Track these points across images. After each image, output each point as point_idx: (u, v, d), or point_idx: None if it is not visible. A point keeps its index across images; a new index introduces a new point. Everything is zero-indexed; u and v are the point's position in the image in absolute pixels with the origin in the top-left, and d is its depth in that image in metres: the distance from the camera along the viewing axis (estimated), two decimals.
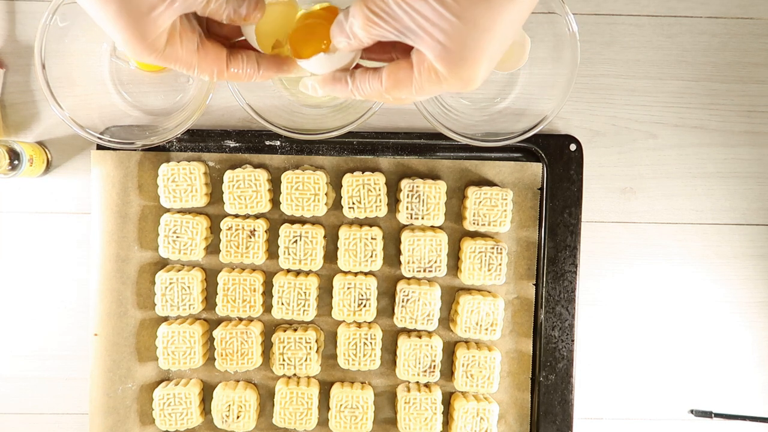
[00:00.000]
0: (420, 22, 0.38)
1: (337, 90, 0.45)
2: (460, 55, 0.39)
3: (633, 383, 0.74)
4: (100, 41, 0.70)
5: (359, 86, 0.44)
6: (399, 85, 0.42)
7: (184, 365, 0.69)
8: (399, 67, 0.42)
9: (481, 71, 0.40)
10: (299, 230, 0.69)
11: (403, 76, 0.42)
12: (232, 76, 0.45)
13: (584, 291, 0.73)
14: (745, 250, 0.74)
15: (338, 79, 0.45)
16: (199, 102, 0.66)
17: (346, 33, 0.41)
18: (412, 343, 0.69)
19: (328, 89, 0.46)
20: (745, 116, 0.73)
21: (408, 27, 0.39)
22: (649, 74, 0.72)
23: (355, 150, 0.71)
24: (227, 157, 0.71)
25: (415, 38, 0.39)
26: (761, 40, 0.72)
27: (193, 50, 0.43)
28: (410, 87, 0.42)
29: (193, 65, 0.43)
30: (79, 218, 0.72)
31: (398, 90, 0.43)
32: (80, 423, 0.73)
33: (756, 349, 0.74)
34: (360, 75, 0.44)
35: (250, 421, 0.70)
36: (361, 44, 0.42)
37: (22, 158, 0.66)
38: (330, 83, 0.45)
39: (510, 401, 0.72)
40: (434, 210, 0.68)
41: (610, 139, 0.73)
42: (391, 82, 0.43)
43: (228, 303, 0.69)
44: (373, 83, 0.43)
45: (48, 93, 0.64)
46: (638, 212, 0.73)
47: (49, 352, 0.73)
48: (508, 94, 0.72)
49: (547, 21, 0.67)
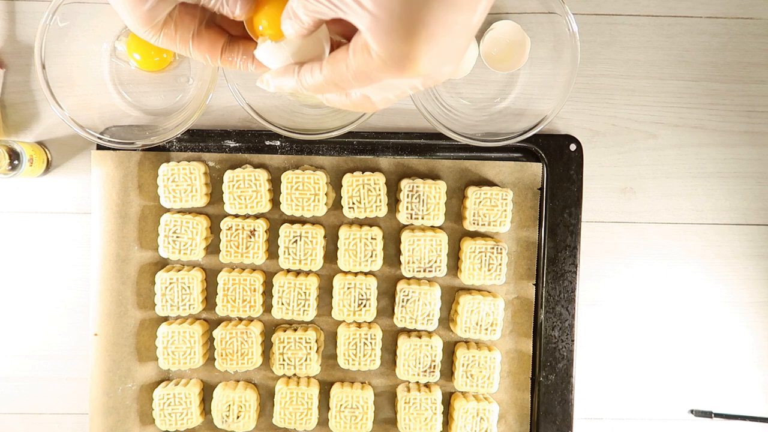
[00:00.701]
0: None
1: (284, 81, 0.42)
2: (389, 26, 0.33)
3: (633, 383, 0.74)
4: (100, 41, 0.70)
5: (302, 76, 0.40)
6: (335, 71, 0.38)
7: (184, 365, 0.69)
8: (337, 52, 0.38)
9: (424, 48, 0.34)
10: (299, 230, 0.69)
11: (339, 59, 0.37)
12: (225, 62, 0.45)
13: (584, 291, 0.73)
14: (745, 250, 0.74)
15: (286, 70, 0.42)
16: (199, 102, 0.66)
17: (289, 14, 0.38)
18: (412, 343, 0.69)
19: (276, 80, 0.42)
20: (745, 116, 0.73)
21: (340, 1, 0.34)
22: (649, 74, 0.72)
23: (355, 150, 0.71)
24: (227, 157, 0.71)
25: (347, 10, 0.34)
26: (761, 40, 0.72)
27: (188, 36, 0.43)
28: (343, 71, 0.37)
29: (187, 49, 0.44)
30: (79, 218, 0.72)
31: (336, 77, 0.38)
32: (80, 423, 0.73)
33: (756, 349, 0.74)
34: (305, 66, 0.40)
35: (250, 421, 0.70)
36: (302, 25, 0.38)
37: (22, 158, 0.66)
38: (277, 75, 0.42)
39: (510, 401, 0.72)
40: (434, 210, 0.68)
41: (610, 139, 0.73)
42: (328, 69, 0.38)
43: (228, 303, 0.69)
44: (314, 73, 0.39)
45: (48, 93, 0.64)
46: (638, 212, 0.73)
47: (49, 352, 0.73)
48: (508, 94, 0.72)
49: (547, 21, 0.67)
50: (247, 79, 0.66)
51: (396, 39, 0.33)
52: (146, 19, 0.41)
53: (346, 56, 0.37)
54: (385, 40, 0.34)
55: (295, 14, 0.38)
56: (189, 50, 0.44)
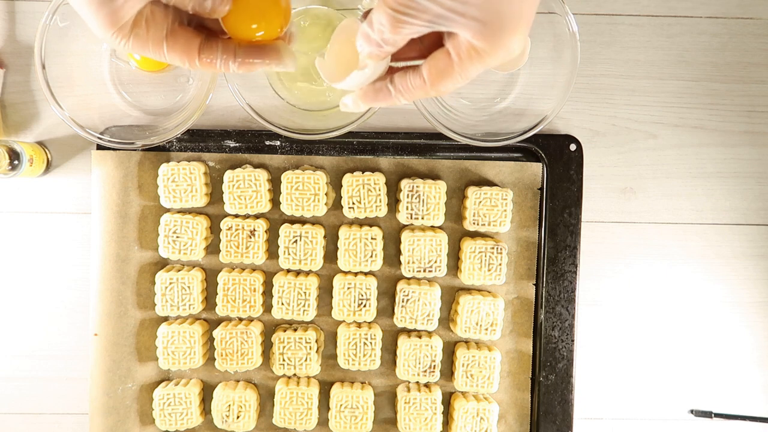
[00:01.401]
0: (450, 5, 0.37)
1: (380, 100, 0.44)
2: (498, 26, 0.38)
3: (633, 383, 0.74)
4: (100, 41, 0.70)
5: (402, 91, 0.43)
6: (443, 77, 0.41)
7: (184, 365, 0.69)
8: (437, 59, 0.41)
9: (522, 34, 0.39)
10: (299, 230, 0.69)
11: (444, 66, 0.41)
12: (205, 65, 0.43)
13: (584, 291, 0.73)
14: (745, 250, 0.74)
15: (379, 89, 0.44)
16: (199, 102, 0.66)
17: (376, 41, 0.40)
18: (412, 343, 0.69)
19: (370, 103, 0.45)
20: (745, 116, 0.73)
21: (439, 14, 0.38)
22: (649, 74, 0.72)
23: (355, 150, 0.71)
24: (227, 157, 0.71)
25: (449, 23, 0.38)
26: (761, 40, 0.72)
27: (160, 37, 0.41)
28: (453, 74, 0.41)
29: (161, 51, 0.42)
30: (79, 218, 0.72)
31: (442, 82, 0.42)
32: (80, 423, 0.73)
33: (756, 349, 0.74)
34: (399, 79, 0.43)
35: (250, 421, 0.70)
36: (394, 47, 0.41)
37: (22, 158, 0.66)
38: (372, 97, 0.44)
39: (510, 401, 0.72)
40: (434, 210, 0.68)
41: (610, 139, 0.73)
42: (433, 77, 0.42)
43: (228, 303, 0.69)
44: (416, 82, 0.42)
45: (48, 93, 0.64)
46: (638, 212, 0.73)
47: (49, 352, 0.73)
48: (508, 94, 0.72)
49: (547, 21, 0.67)
50: (247, 79, 0.66)
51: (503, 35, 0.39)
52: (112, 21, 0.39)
53: (450, 61, 0.40)
54: (494, 40, 0.39)
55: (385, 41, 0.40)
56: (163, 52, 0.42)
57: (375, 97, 0.44)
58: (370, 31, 0.40)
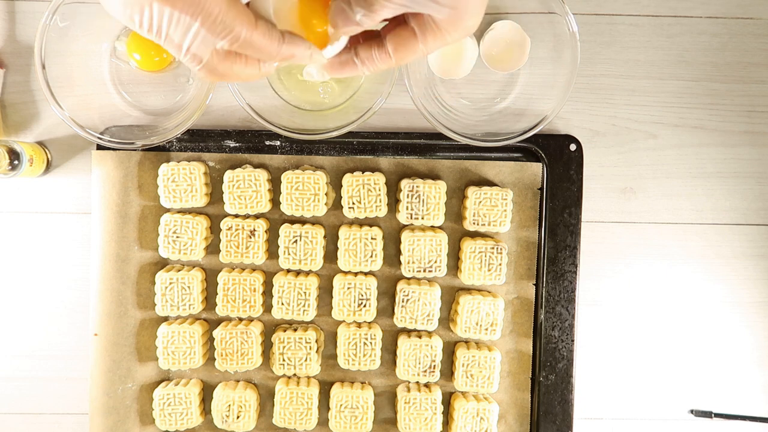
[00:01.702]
0: None
1: (346, 71, 0.47)
2: (464, 10, 0.42)
3: (633, 383, 0.74)
4: (100, 41, 0.70)
5: (368, 63, 0.46)
6: (407, 51, 0.45)
7: (184, 365, 0.69)
8: (401, 36, 0.44)
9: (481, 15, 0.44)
10: (299, 230, 0.69)
11: (408, 43, 0.44)
12: None
13: (584, 291, 0.73)
14: (745, 250, 0.74)
15: (345, 62, 0.46)
16: (199, 102, 0.66)
17: (355, 21, 0.42)
18: (412, 343, 0.69)
19: (335, 73, 0.47)
20: (745, 116, 0.73)
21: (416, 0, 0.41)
22: (649, 74, 0.72)
23: (355, 150, 0.71)
24: (227, 157, 0.71)
25: (421, 7, 0.41)
26: (761, 40, 0.72)
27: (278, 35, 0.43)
28: (417, 50, 0.45)
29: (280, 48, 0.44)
30: (79, 218, 0.72)
31: (406, 56, 0.45)
32: (80, 423, 0.73)
33: (756, 349, 0.74)
34: (365, 52, 0.46)
35: (250, 421, 0.70)
36: (370, 26, 0.43)
37: (22, 158, 0.66)
38: (339, 68, 0.47)
39: (510, 401, 0.72)
40: (434, 210, 0.68)
41: (610, 139, 0.73)
42: (399, 52, 0.45)
43: (228, 303, 0.69)
44: (381, 56, 0.46)
45: (48, 93, 0.64)
46: (638, 212, 0.73)
47: (49, 352, 0.73)
48: (508, 94, 0.72)
49: (547, 21, 0.67)
50: None
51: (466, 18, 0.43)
52: None
53: (415, 38, 0.44)
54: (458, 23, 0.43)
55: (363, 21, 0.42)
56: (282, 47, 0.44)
57: (341, 68, 0.47)
58: (349, 10, 0.42)
